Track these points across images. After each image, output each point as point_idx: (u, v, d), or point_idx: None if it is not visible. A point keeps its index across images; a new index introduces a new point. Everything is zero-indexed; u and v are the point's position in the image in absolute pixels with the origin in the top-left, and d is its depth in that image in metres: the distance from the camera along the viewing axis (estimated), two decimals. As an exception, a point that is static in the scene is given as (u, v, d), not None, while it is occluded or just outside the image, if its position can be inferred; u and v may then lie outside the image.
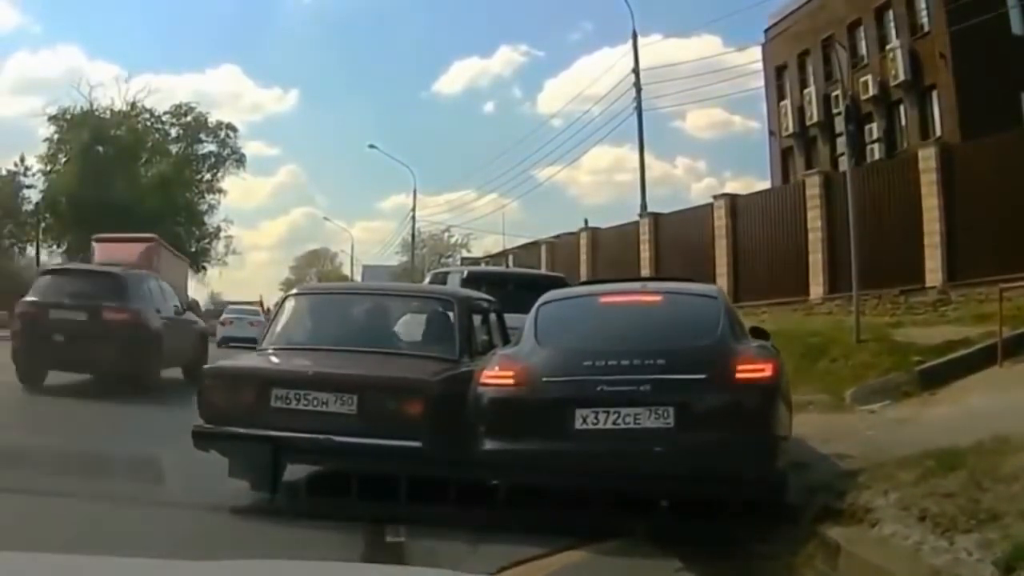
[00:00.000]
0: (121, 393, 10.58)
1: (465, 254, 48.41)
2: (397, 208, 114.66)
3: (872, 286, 14.09)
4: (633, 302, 6.27)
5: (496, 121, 77.35)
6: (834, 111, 23.33)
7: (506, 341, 6.94)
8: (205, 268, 50.35)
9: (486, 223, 49.40)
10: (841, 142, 21.67)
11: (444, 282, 11.59)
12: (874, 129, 23.73)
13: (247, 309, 31.61)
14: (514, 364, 5.50)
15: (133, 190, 42.22)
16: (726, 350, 5.40)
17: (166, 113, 49.43)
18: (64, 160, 43.79)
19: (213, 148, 50.78)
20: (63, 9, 70.50)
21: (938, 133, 21.08)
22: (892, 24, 23.68)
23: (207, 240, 50.64)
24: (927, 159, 15.21)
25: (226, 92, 74.43)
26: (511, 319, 7.27)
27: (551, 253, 27.93)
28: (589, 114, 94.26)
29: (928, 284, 14.73)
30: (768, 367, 5.34)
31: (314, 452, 5.57)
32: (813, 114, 25.93)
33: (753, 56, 34.09)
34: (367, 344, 6.38)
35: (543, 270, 23.32)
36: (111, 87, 60.64)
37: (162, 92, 63.98)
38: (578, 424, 5.12)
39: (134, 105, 47.52)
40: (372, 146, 46.09)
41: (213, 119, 50.60)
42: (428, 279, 14.20)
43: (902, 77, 22.72)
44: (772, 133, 28.93)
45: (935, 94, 22.32)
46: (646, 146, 25.90)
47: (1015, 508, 4.30)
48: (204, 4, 74.11)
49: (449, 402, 5.50)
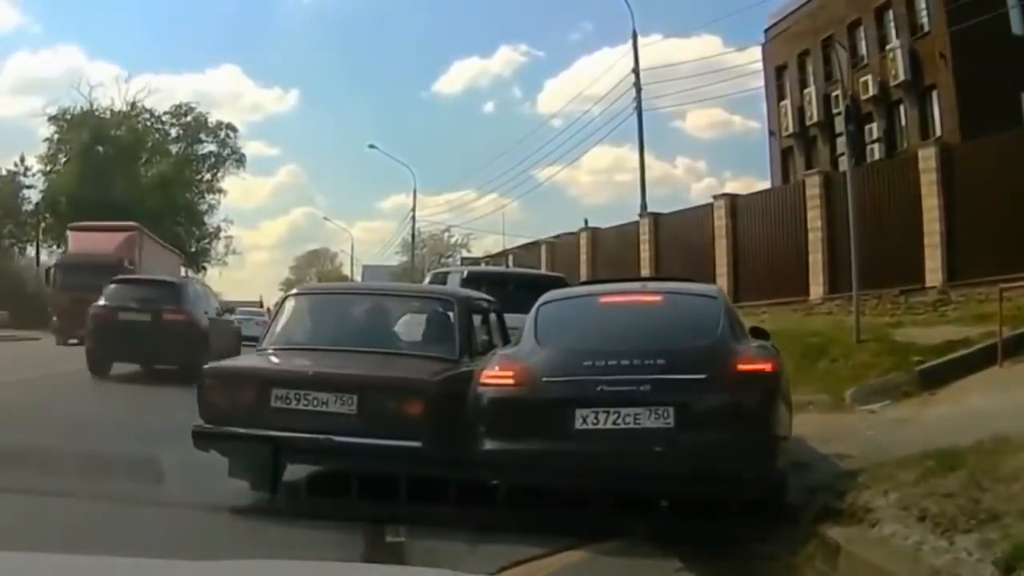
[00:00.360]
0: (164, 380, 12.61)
1: (465, 254, 48.48)
2: (397, 208, 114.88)
3: (872, 286, 14.09)
4: (633, 302, 6.27)
5: (496, 121, 77.49)
6: (834, 111, 23.32)
7: (506, 341, 6.94)
8: (205, 268, 50.44)
9: (486, 223, 49.50)
10: (841, 142, 21.65)
11: (444, 282, 11.59)
12: (874, 129, 23.73)
13: (253, 310, 31.98)
14: (514, 364, 5.50)
15: (133, 190, 42.26)
16: (726, 350, 5.40)
17: (166, 113, 49.56)
18: (64, 160, 43.85)
19: (213, 148, 50.91)
20: (63, 9, 70.72)
21: (938, 133, 21.09)
22: (892, 24, 23.68)
23: (207, 240, 50.73)
24: (927, 159, 15.21)
25: (226, 92, 74.61)
26: (511, 319, 7.27)
27: (551, 253, 27.93)
28: (589, 114, 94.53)
29: (928, 284, 14.72)
30: (768, 367, 5.34)
31: (314, 452, 5.56)
32: (813, 114, 25.94)
33: (753, 56, 34.17)
34: (367, 344, 6.37)
35: (543, 270, 23.32)
36: (111, 87, 60.81)
37: (162, 92, 64.23)
38: (578, 424, 5.12)
39: (134, 105, 47.62)
40: (372, 146, 46.23)
41: (213, 119, 50.75)
42: (428, 279, 14.20)
43: (902, 77, 22.72)
44: (772, 133, 28.94)
45: (935, 94, 22.33)
46: (646, 146, 25.95)
47: (1015, 508, 4.30)
48: (204, 4, 74.28)
49: (449, 402, 5.50)
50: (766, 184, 27.74)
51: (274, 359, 6.32)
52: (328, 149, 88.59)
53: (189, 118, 49.87)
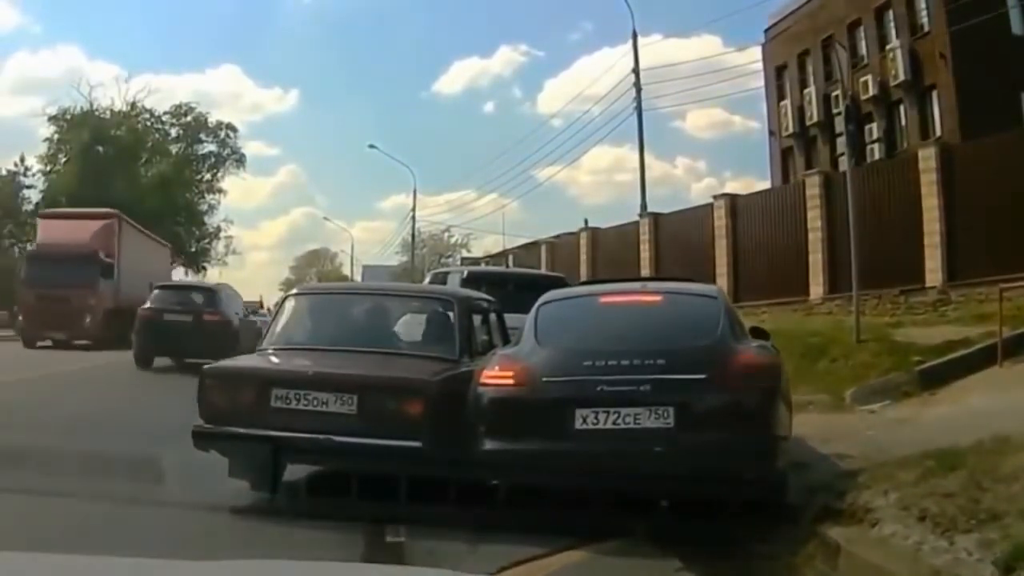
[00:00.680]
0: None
1: (465, 254, 48.48)
2: (397, 208, 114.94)
3: (872, 286, 14.08)
4: (633, 302, 6.27)
5: (496, 121, 77.51)
6: (834, 111, 23.32)
7: (506, 341, 6.94)
8: (205, 268, 50.39)
9: (486, 223, 49.49)
10: (841, 142, 21.66)
11: (444, 282, 11.59)
12: (874, 129, 23.73)
13: (259, 311, 31.88)
14: (514, 364, 5.50)
15: (133, 190, 42.18)
16: (726, 350, 5.40)
17: (166, 113, 49.48)
18: (64, 160, 43.79)
19: (213, 148, 50.83)
20: (63, 9, 70.61)
21: (938, 133, 21.09)
22: (892, 24, 23.68)
23: (207, 240, 50.66)
24: (927, 159, 15.20)
25: (226, 92, 74.52)
26: (511, 319, 7.27)
27: (551, 253, 27.93)
28: (589, 114, 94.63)
29: (928, 284, 14.72)
30: (768, 367, 5.34)
31: (314, 452, 5.56)
32: (813, 114, 25.93)
33: (753, 56, 34.20)
34: (367, 344, 6.37)
35: (543, 270, 23.32)
36: (111, 87, 60.76)
37: (162, 92, 64.15)
38: (578, 424, 5.12)
39: (134, 105, 47.54)
40: (372, 146, 46.24)
41: (213, 119, 50.65)
42: (428, 279, 14.21)
43: (902, 77, 22.72)
44: (772, 133, 28.94)
45: (935, 94, 22.32)
46: (646, 146, 25.93)
47: (1015, 508, 4.30)
48: (204, 4, 74.25)
49: (449, 402, 5.50)
50: (766, 184, 27.79)
51: (274, 359, 6.32)
52: (328, 149, 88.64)
53: (189, 118, 49.81)
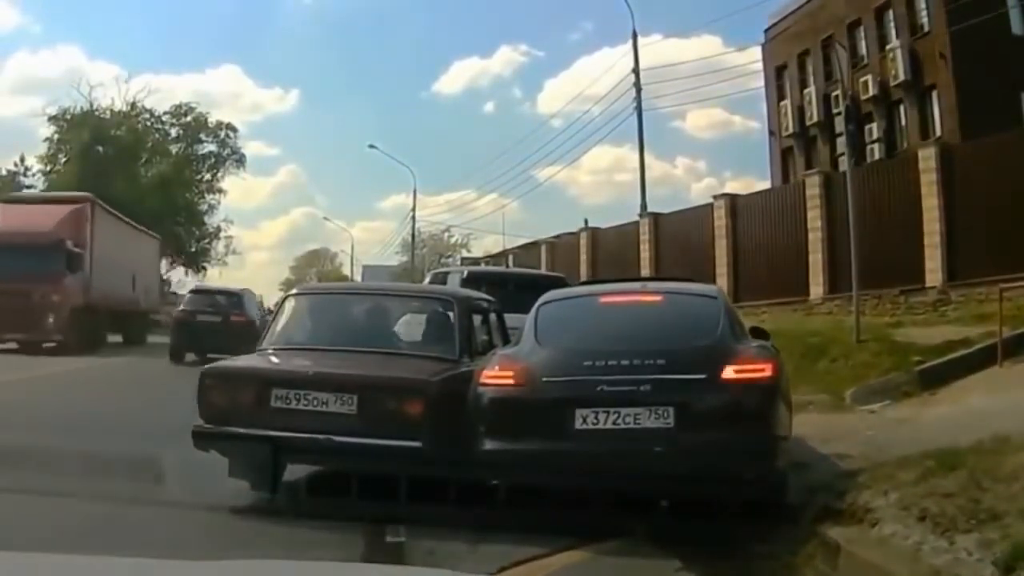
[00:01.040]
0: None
1: (465, 254, 48.45)
2: (397, 208, 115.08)
3: (872, 286, 14.08)
4: (633, 302, 6.27)
5: (496, 121, 77.57)
6: (834, 111, 23.34)
7: (506, 341, 6.94)
8: (205, 268, 50.36)
9: (486, 223, 49.49)
10: (841, 142, 21.68)
11: (444, 282, 11.59)
12: (874, 129, 23.72)
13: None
14: (514, 364, 5.50)
15: (133, 190, 42.14)
16: (726, 350, 5.39)
17: (166, 113, 49.42)
18: (64, 160, 43.75)
19: (213, 148, 50.78)
20: (63, 9, 70.70)
21: (938, 133, 21.08)
22: (892, 24, 23.68)
23: (207, 240, 50.61)
24: (927, 159, 15.20)
25: (226, 92, 74.53)
26: (511, 319, 7.27)
27: (551, 253, 27.93)
28: (589, 114, 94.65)
29: (928, 284, 14.72)
30: (768, 367, 5.33)
31: (314, 452, 5.56)
32: (813, 114, 25.93)
33: (753, 56, 34.15)
34: (367, 344, 6.37)
35: (543, 270, 23.32)
36: (111, 87, 60.66)
37: (162, 92, 64.15)
38: (578, 424, 5.12)
39: (134, 105, 47.50)
40: (372, 146, 46.26)
41: (213, 119, 50.61)
42: (428, 279, 14.21)
43: (902, 77, 22.72)
44: (772, 133, 28.93)
45: (935, 94, 22.32)
46: (646, 146, 25.93)
47: (1015, 508, 4.30)
48: (204, 4, 74.34)
49: (449, 402, 5.50)
50: (766, 184, 27.78)
51: (274, 359, 6.31)
52: (328, 149, 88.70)
53: (189, 118, 49.77)
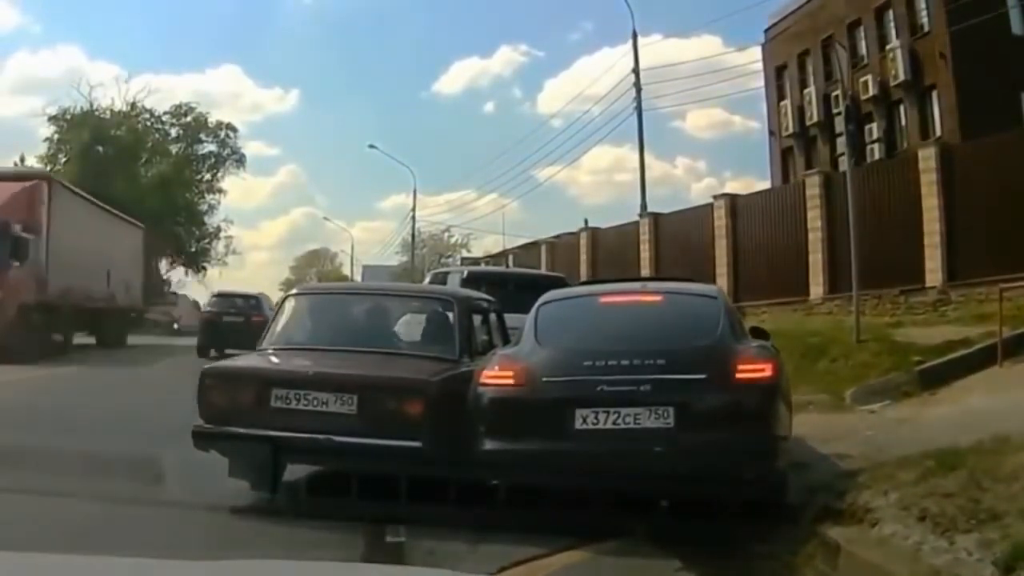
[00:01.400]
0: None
1: (465, 254, 48.43)
2: (397, 208, 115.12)
3: (872, 286, 14.08)
4: (633, 302, 6.26)
5: (496, 121, 77.57)
6: (834, 111, 23.35)
7: (506, 341, 6.94)
8: (205, 268, 50.38)
9: (486, 223, 49.47)
10: (841, 142, 21.69)
11: (444, 282, 11.60)
12: (874, 129, 23.72)
13: None
14: (514, 364, 5.50)
15: (133, 190, 42.15)
16: (726, 350, 5.40)
17: (166, 113, 49.44)
18: (64, 160, 43.74)
19: (213, 148, 50.80)
20: (63, 9, 70.65)
21: (938, 133, 21.08)
22: (892, 24, 23.69)
23: (207, 240, 50.62)
24: (927, 159, 15.20)
25: (226, 92, 74.52)
26: (511, 319, 7.27)
27: (551, 253, 27.93)
28: (589, 114, 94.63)
29: (928, 284, 14.72)
30: (768, 367, 5.33)
31: (314, 452, 5.56)
32: (813, 114, 25.94)
33: (753, 56, 34.17)
34: (367, 344, 6.37)
35: (543, 270, 23.32)
36: (111, 87, 60.68)
37: (162, 92, 64.13)
38: (578, 424, 5.12)
39: (134, 105, 47.51)
40: (372, 146, 46.26)
41: (213, 119, 50.64)
42: (428, 279, 14.21)
43: (902, 77, 22.72)
44: (772, 133, 28.94)
45: (935, 94, 22.32)
46: (646, 146, 25.92)
47: (1015, 508, 4.30)
48: (205, 4, 74.30)
49: (449, 402, 5.50)
50: (766, 184, 27.79)
51: (274, 359, 6.32)
52: (328, 149, 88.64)
53: (189, 118, 49.79)
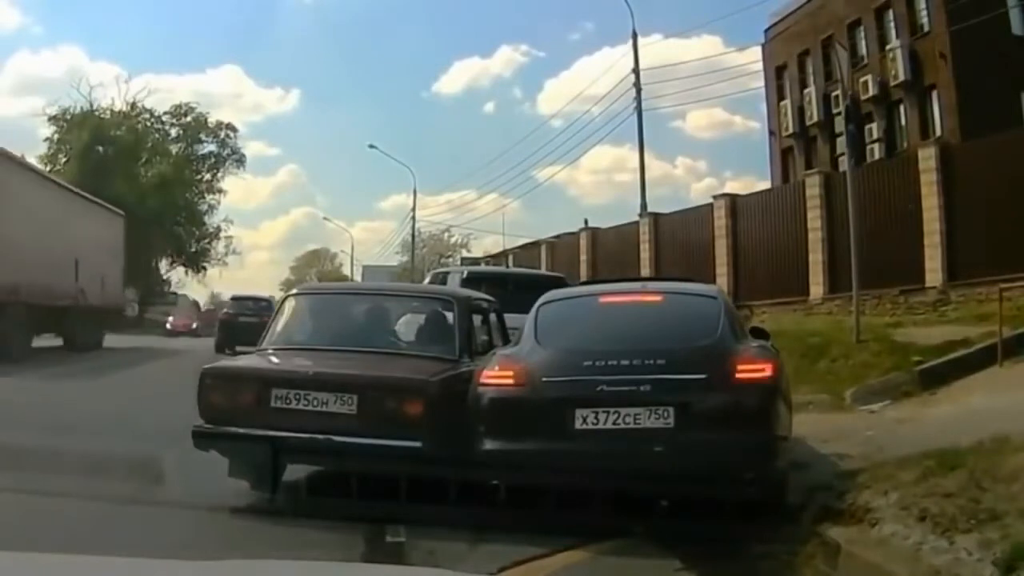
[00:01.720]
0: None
1: (465, 254, 48.42)
2: (397, 208, 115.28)
3: (872, 286, 14.09)
4: (633, 302, 6.26)
5: (496, 121, 77.67)
6: (834, 111, 23.35)
7: (506, 341, 6.94)
8: (205, 268, 50.44)
9: (486, 223, 49.45)
10: (841, 142, 21.68)
11: (444, 282, 11.60)
12: (874, 129, 23.71)
13: None
14: (514, 364, 5.50)
15: (133, 190, 42.17)
16: (726, 350, 5.39)
17: (166, 113, 49.52)
18: (64, 160, 43.77)
19: (213, 148, 50.91)
20: (64, 10, 70.74)
21: (938, 133, 21.05)
22: (892, 24, 23.68)
23: (207, 240, 50.68)
24: (927, 159, 15.20)
25: (227, 92, 74.70)
26: (511, 319, 7.26)
27: (551, 253, 27.93)
28: (589, 114, 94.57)
29: (928, 284, 14.72)
30: (768, 367, 5.33)
31: (314, 452, 5.55)
32: (813, 114, 25.92)
33: (753, 56, 34.11)
34: (367, 344, 6.37)
35: (543, 270, 23.31)
36: (111, 87, 60.75)
37: (163, 92, 64.29)
38: (578, 424, 5.12)
39: (134, 105, 47.59)
40: (372, 146, 46.26)
41: (213, 119, 50.71)
42: (428, 279, 14.22)
43: (902, 77, 22.71)
44: (772, 133, 28.92)
45: (935, 94, 22.31)
46: (646, 146, 25.95)
47: (1015, 508, 4.31)
48: (205, 4, 74.46)
49: (449, 402, 5.49)
50: (766, 184, 27.75)
51: (274, 359, 6.31)
52: (328, 149, 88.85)
53: (189, 118, 49.86)
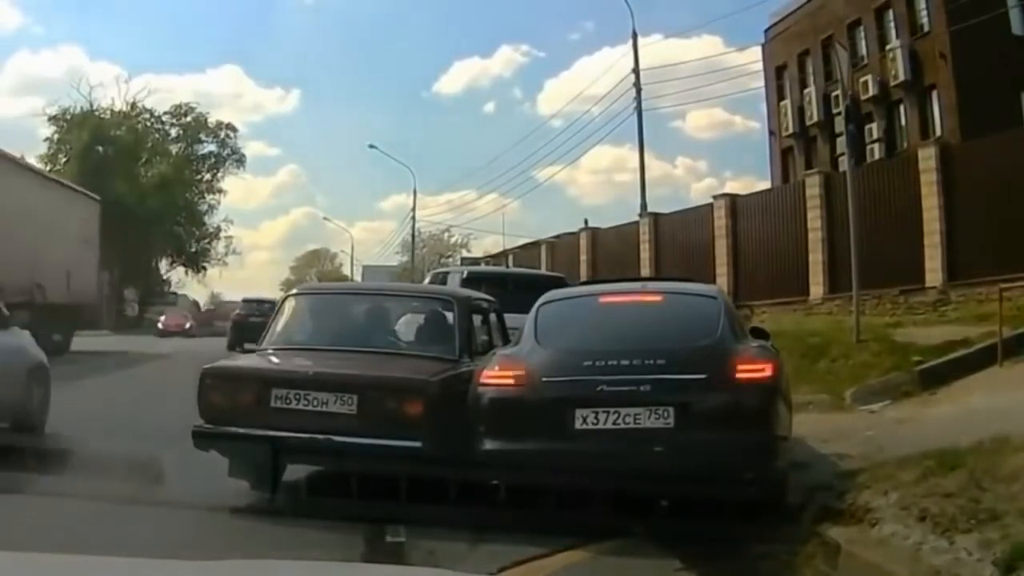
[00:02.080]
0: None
1: (465, 254, 48.42)
2: (397, 208, 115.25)
3: (872, 286, 14.08)
4: (633, 302, 6.26)
5: (496, 121, 77.68)
6: (834, 111, 23.34)
7: (506, 341, 6.94)
8: (205, 268, 50.45)
9: (486, 223, 49.45)
10: (841, 142, 21.68)
11: (444, 282, 11.60)
12: (874, 129, 23.71)
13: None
14: (514, 364, 5.50)
15: (133, 190, 42.23)
16: (726, 350, 5.39)
17: (166, 113, 49.55)
18: (64, 160, 43.76)
19: (213, 148, 50.94)
20: (64, 10, 70.77)
21: (938, 133, 21.05)
22: (892, 24, 23.68)
23: (207, 240, 50.69)
24: (927, 159, 15.20)
25: (227, 92, 74.75)
26: (511, 319, 7.26)
27: (551, 253, 27.92)
28: (589, 114, 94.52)
29: (928, 284, 14.72)
30: (768, 367, 5.33)
31: (314, 452, 5.56)
32: (813, 114, 25.92)
33: (753, 56, 34.08)
34: (367, 344, 6.37)
35: (543, 270, 23.31)
36: (111, 87, 60.75)
37: (163, 92, 64.28)
38: (578, 424, 5.12)
39: (134, 105, 47.60)
40: (372, 146, 46.29)
41: (213, 119, 50.73)
42: (428, 279, 14.22)
43: (902, 77, 22.71)
44: (772, 133, 28.92)
45: (935, 94, 22.32)
46: (646, 146, 25.94)
47: (1015, 508, 4.31)
48: (206, 4, 74.44)
49: (449, 402, 5.49)
50: (766, 184, 27.75)
51: (274, 359, 6.31)
52: (329, 149, 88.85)
53: (189, 118, 49.89)
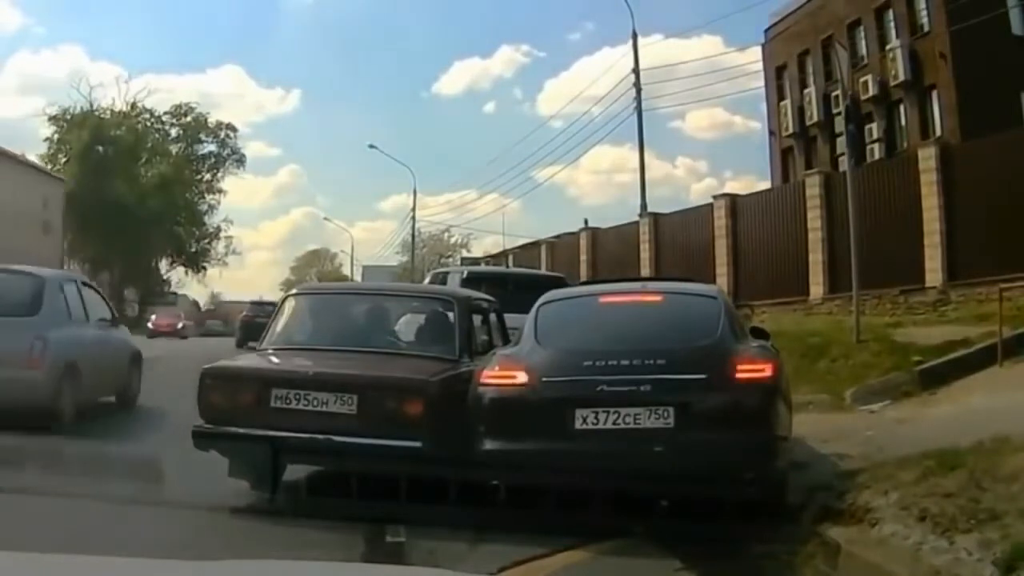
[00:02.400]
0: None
1: (465, 254, 48.41)
2: (397, 208, 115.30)
3: (872, 286, 14.08)
4: (633, 302, 6.26)
5: (496, 121, 77.69)
6: (834, 111, 23.33)
7: (506, 341, 6.94)
8: (205, 268, 50.49)
9: (486, 223, 49.42)
10: (841, 142, 21.67)
11: (444, 282, 11.61)
12: (874, 129, 23.71)
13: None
14: (514, 364, 5.50)
15: (133, 190, 42.29)
16: (726, 350, 5.40)
17: (166, 113, 49.65)
18: (64, 160, 43.83)
19: (213, 148, 51.03)
20: (65, 10, 70.78)
21: (938, 133, 21.04)
22: (892, 24, 23.67)
23: (207, 240, 50.76)
24: (927, 159, 15.20)
25: (228, 92, 74.78)
26: (511, 319, 7.27)
27: (551, 253, 27.92)
28: (589, 114, 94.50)
29: (928, 284, 14.71)
30: (768, 367, 5.33)
31: (314, 452, 5.56)
32: (813, 114, 25.91)
33: (753, 56, 34.10)
34: (367, 344, 6.37)
35: (543, 270, 23.31)
36: (112, 87, 60.78)
37: (163, 92, 64.31)
38: (578, 424, 5.12)
39: (134, 105, 47.68)
40: (372, 146, 46.25)
41: (213, 119, 50.80)
42: (428, 279, 14.22)
43: (902, 77, 22.70)
44: (772, 133, 28.91)
45: (935, 94, 22.31)
46: (646, 146, 25.93)
47: (1015, 508, 4.31)
48: (206, 4, 74.45)
49: (449, 402, 5.50)
50: (766, 184, 27.73)
51: (274, 359, 6.32)
52: (329, 149, 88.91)
53: (189, 118, 49.97)
